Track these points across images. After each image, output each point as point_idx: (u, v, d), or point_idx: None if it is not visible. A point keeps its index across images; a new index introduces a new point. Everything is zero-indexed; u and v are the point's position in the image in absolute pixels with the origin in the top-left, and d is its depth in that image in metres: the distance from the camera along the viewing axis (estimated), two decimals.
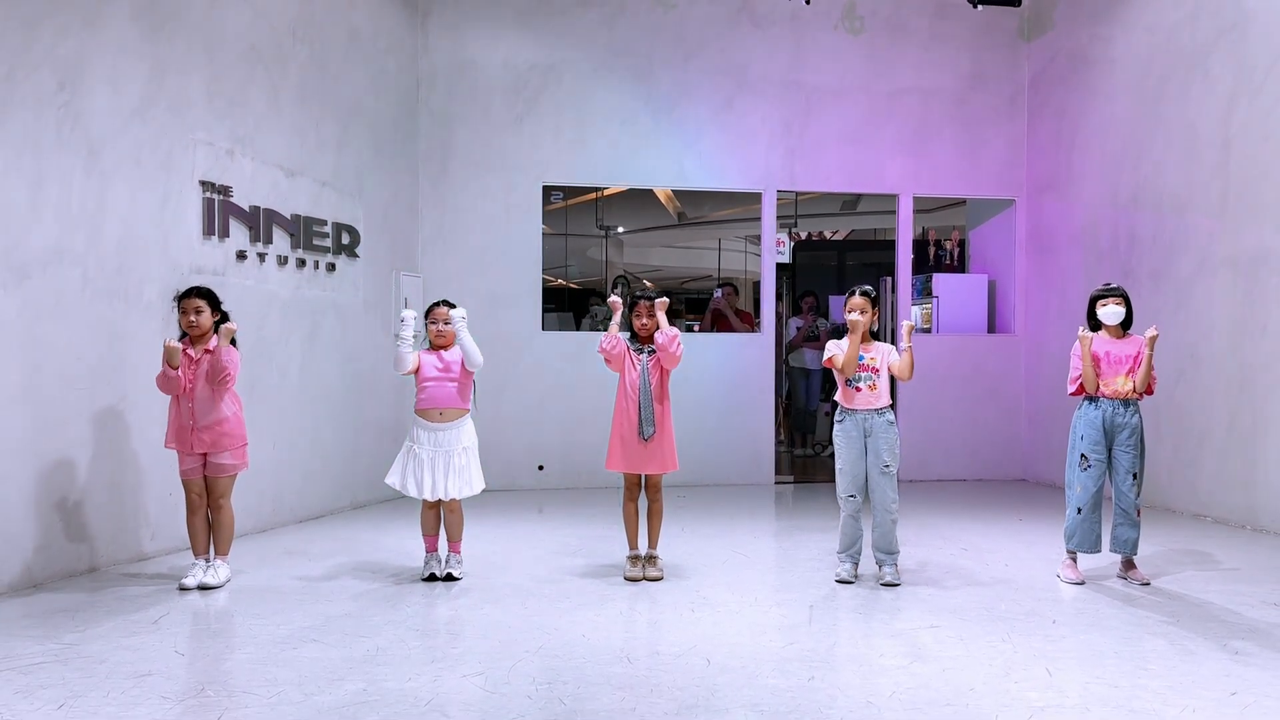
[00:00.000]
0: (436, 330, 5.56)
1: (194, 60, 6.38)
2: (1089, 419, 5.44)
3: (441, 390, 5.45)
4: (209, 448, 5.26)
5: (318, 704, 3.54)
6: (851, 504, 5.43)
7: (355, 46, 8.16)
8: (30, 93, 5.25)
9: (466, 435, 5.49)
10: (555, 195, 12.35)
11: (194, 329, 5.25)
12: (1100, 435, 5.41)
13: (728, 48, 9.64)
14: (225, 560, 5.41)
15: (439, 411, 5.43)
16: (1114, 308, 5.48)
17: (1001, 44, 10.04)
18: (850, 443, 5.41)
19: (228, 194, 6.62)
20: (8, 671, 3.88)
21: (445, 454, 5.39)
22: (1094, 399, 5.45)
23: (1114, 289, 5.56)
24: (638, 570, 5.52)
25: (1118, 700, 3.61)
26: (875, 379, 5.39)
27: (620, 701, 3.56)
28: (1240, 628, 4.58)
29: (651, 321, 5.60)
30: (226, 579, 5.35)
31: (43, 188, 5.33)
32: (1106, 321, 5.49)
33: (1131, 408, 5.42)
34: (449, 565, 5.48)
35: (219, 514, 5.36)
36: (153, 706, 3.51)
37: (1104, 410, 5.42)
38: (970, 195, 10.47)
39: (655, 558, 5.63)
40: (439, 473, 5.37)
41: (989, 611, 4.86)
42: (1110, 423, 5.41)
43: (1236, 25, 7.34)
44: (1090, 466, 5.42)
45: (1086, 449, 5.44)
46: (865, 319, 5.35)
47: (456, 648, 4.26)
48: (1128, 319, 5.51)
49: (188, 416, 5.23)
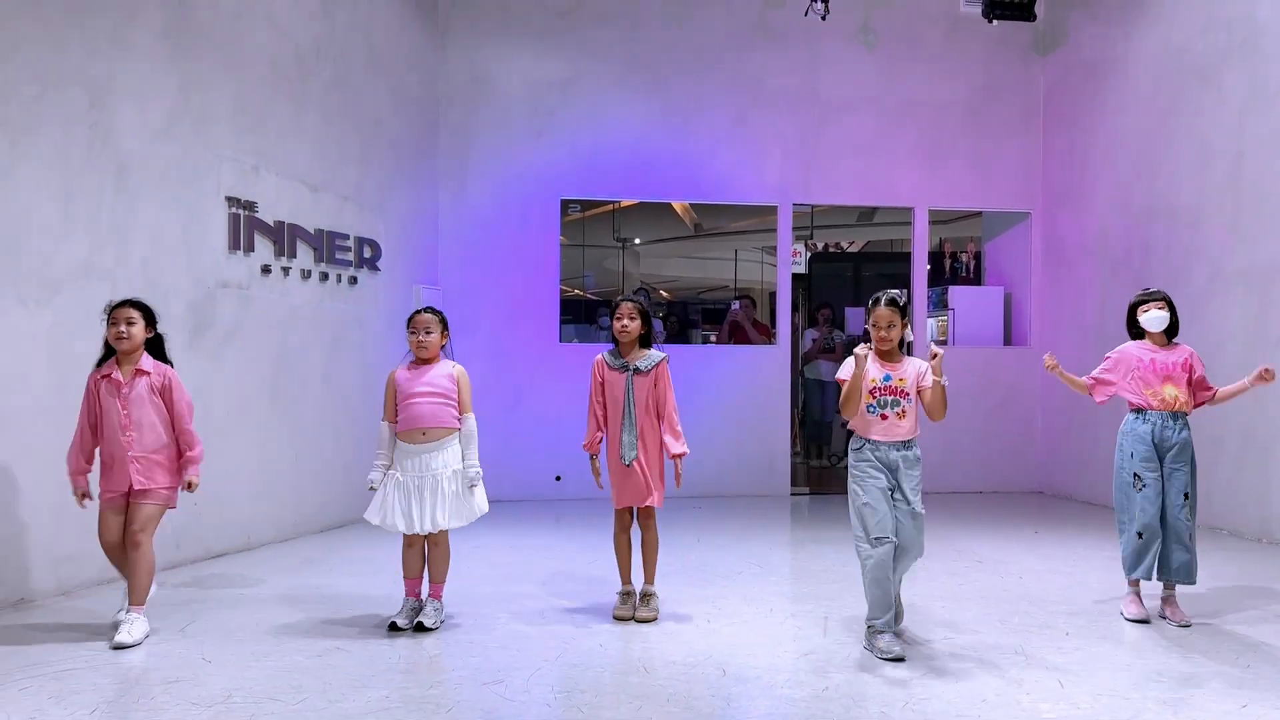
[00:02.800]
0: (418, 341, 4.86)
1: (219, 78, 6.52)
2: (1137, 434, 4.97)
3: (424, 408, 4.74)
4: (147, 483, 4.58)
5: (342, 709, 3.63)
6: (884, 549, 4.30)
7: (376, 64, 8.30)
8: (61, 111, 5.39)
9: (456, 457, 4.79)
10: (573, 208, 12.46)
11: (122, 342, 4.58)
12: (1151, 451, 4.93)
13: (742, 62, 9.74)
14: (141, 611, 4.55)
15: (422, 431, 4.73)
16: (1156, 313, 4.99)
17: (1015, 57, 10.10)
18: (871, 473, 4.42)
19: (253, 209, 6.75)
20: (40, 678, 3.99)
21: (433, 479, 4.70)
22: (1141, 411, 4.99)
23: (1155, 293, 5.08)
24: (627, 609, 4.97)
25: (1128, 713, 3.66)
26: (904, 404, 4.45)
27: (637, 711, 3.63)
28: (1253, 642, 4.61)
29: (634, 325, 5.00)
30: (145, 635, 4.51)
31: (73, 204, 5.46)
32: (1149, 328, 5.02)
33: (1181, 421, 4.96)
34: (423, 613, 4.75)
35: (135, 552, 4.54)
36: (182, 711, 3.61)
37: (1153, 423, 4.95)
38: (985, 208, 10.52)
39: (650, 595, 5.03)
40: (426, 501, 4.67)
41: (1003, 624, 4.90)
42: (1159, 437, 4.95)
43: (1248, 40, 7.38)
44: (1146, 485, 4.91)
45: (1139, 467, 4.93)
46: (894, 334, 4.46)
47: (476, 656, 4.34)
48: (1173, 325, 5.04)
49: (125, 447, 4.55)
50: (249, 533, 6.72)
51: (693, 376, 9.67)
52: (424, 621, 4.70)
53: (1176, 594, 5.02)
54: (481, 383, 9.20)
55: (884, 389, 4.44)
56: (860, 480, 4.42)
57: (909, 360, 4.54)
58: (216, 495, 6.42)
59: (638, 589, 5.07)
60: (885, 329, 4.44)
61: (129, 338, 4.59)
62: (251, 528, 6.75)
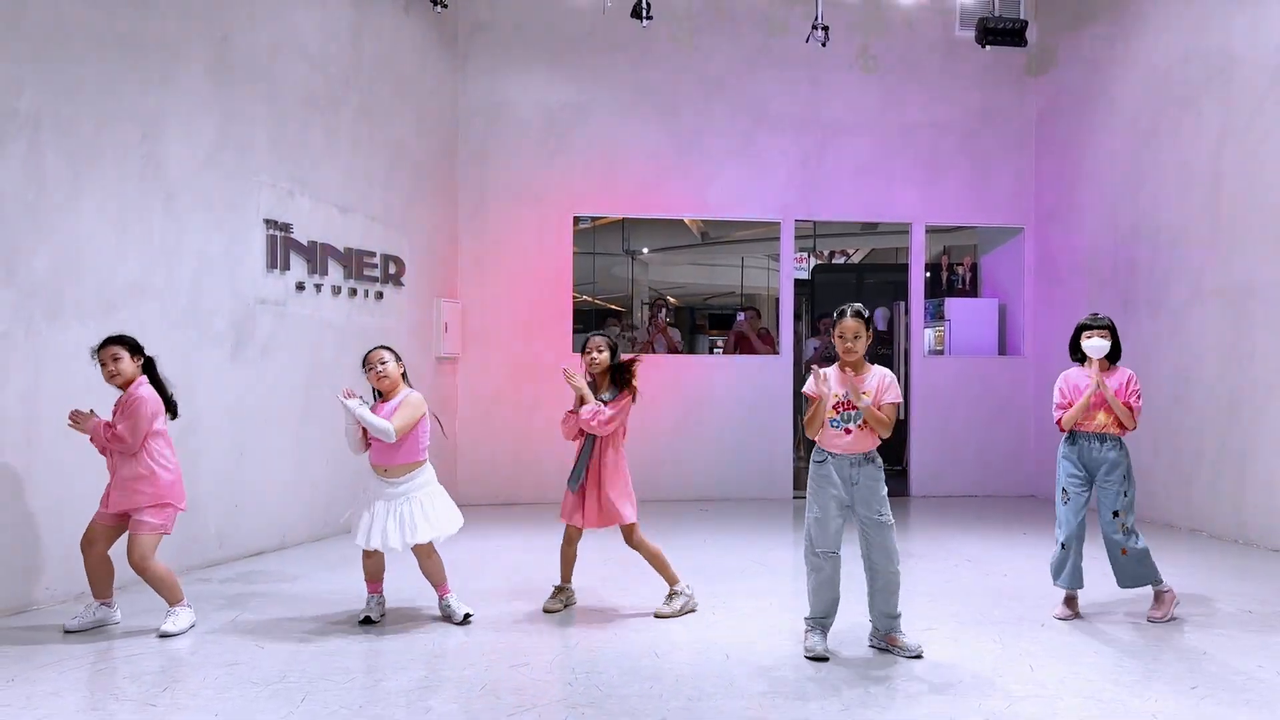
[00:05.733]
0: (376, 375, 5.10)
1: (258, 110, 7.00)
2: (1066, 454, 5.38)
3: (384, 446, 5.02)
4: (125, 506, 4.88)
5: (387, 688, 4.09)
6: (831, 563, 4.54)
7: (400, 92, 8.79)
8: (116, 143, 5.87)
9: (418, 485, 5.08)
10: (583, 221, 12.93)
11: (115, 379, 4.88)
12: (1078, 469, 5.32)
13: (748, 86, 10.20)
14: (183, 604, 4.96)
15: (384, 469, 5.06)
16: (1098, 341, 5.23)
17: (1009, 81, 10.53)
18: (829, 488, 4.53)
19: (288, 230, 7.23)
20: (115, 660, 4.46)
21: (405, 502, 5.02)
22: (1071, 434, 5.36)
23: (1100, 321, 5.31)
24: (557, 603, 5.39)
25: (1090, 691, 4.10)
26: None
27: (649, 689, 4.09)
28: (1215, 635, 5.04)
29: (601, 358, 5.28)
30: (190, 624, 4.95)
31: (127, 229, 5.94)
32: (1090, 355, 5.26)
33: (1110, 442, 5.26)
34: (451, 611, 5.12)
35: (144, 576, 4.88)
36: (244, 689, 4.07)
37: (1079, 445, 5.33)
38: (980, 223, 10.95)
39: (674, 594, 5.36)
40: (392, 521, 4.98)
41: (984, 616, 5.34)
42: (1087, 457, 5.31)
43: (1224, 70, 7.82)
44: (1069, 500, 5.31)
45: (1065, 483, 5.35)
46: (860, 345, 4.52)
47: (503, 642, 4.79)
48: (1114, 352, 5.30)
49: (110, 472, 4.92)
50: (284, 533, 7.20)
51: (700, 385, 10.16)
52: (469, 614, 5.09)
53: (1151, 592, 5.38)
54: (498, 392, 9.77)
55: (846, 404, 4.50)
56: (816, 494, 4.56)
57: (875, 370, 4.60)
58: (255, 497, 6.92)
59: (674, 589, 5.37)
60: (851, 340, 4.50)
61: (119, 374, 4.88)
62: (287, 528, 7.22)
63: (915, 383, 10.47)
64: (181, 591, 5.01)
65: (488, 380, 9.80)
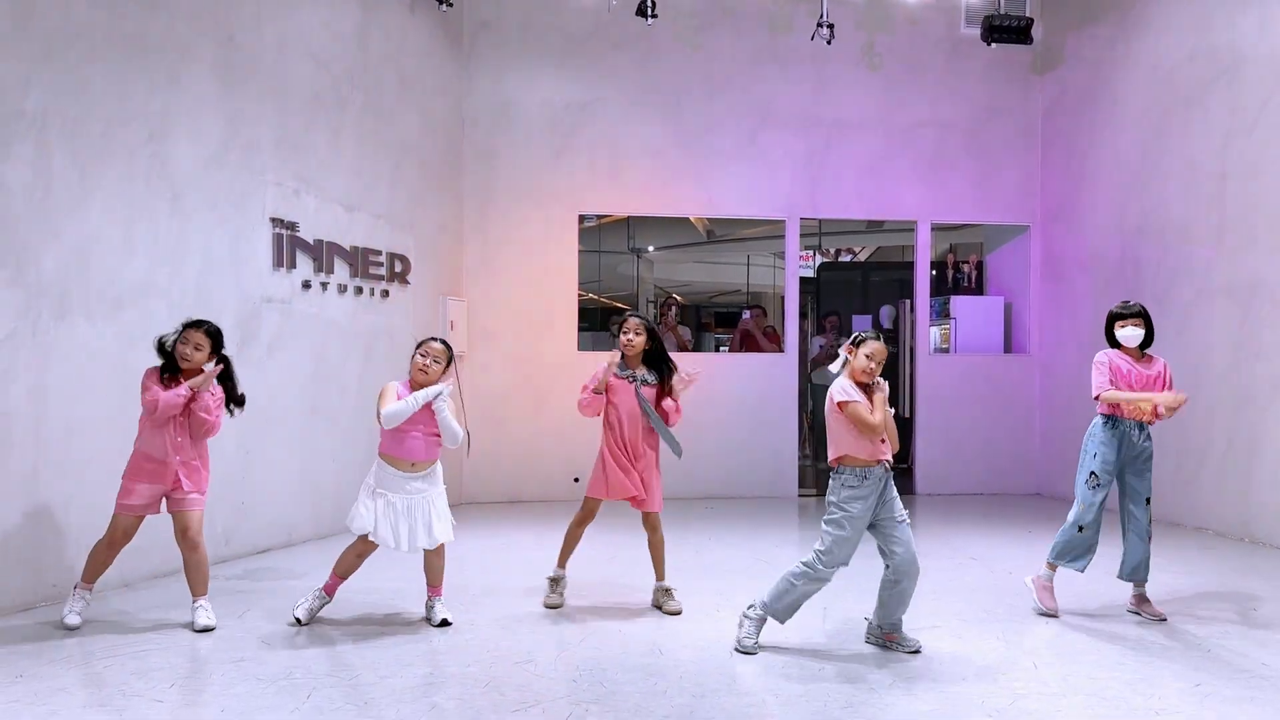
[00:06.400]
0: (422, 365, 5.03)
1: (263, 110, 7.02)
2: (1104, 439, 5.28)
3: (418, 442, 5.01)
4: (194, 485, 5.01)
5: (391, 685, 4.11)
6: (831, 575, 4.57)
7: (406, 91, 8.81)
8: (123, 144, 5.89)
9: (436, 481, 5.11)
10: (587, 218, 12.94)
11: (187, 362, 4.99)
12: (1114, 456, 5.27)
13: (752, 85, 10.20)
14: (205, 599, 5.02)
15: (411, 463, 5.02)
16: (1133, 330, 5.25)
17: (1015, 78, 10.52)
18: (865, 509, 4.48)
19: (294, 229, 7.26)
20: (121, 656, 4.49)
21: (423, 499, 5.01)
22: (1113, 419, 5.29)
23: (1133, 309, 5.31)
24: (558, 596, 5.43)
25: (1093, 689, 4.11)
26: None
27: (653, 685, 4.10)
28: (1217, 632, 5.04)
29: (639, 340, 5.32)
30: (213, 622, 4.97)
31: (134, 228, 5.97)
32: (1125, 344, 5.28)
33: (1146, 431, 5.30)
34: (438, 612, 5.07)
35: (194, 553, 4.99)
36: (250, 686, 4.09)
37: (1121, 430, 5.28)
38: (985, 221, 10.94)
39: (670, 590, 5.43)
40: (418, 521, 4.96)
41: (988, 614, 5.35)
42: (1127, 443, 5.28)
43: (1230, 68, 7.80)
44: (1099, 485, 5.26)
45: (1097, 468, 5.26)
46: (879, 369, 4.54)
47: (506, 640, 4.81)
48: (1147, 339, 5.31)
49: (171, 451, 4.97)
50: (290, 530, 7.23)
51: (705, 384, 10.05)
52: (446, 618, 5.02)
53: (1146, 590, 5.39)
54: (503, 390, 9.79)
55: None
56: (853, 518, 4.47)
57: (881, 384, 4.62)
58: (261, 495, 6.95)
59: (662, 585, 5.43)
60: (878, 363, 4.50)
61: (193, 361, 5.01)
62: (293, 526, 7.25)
63: (921, 381, 10.47)
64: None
65: (493, 378, 9.82)
